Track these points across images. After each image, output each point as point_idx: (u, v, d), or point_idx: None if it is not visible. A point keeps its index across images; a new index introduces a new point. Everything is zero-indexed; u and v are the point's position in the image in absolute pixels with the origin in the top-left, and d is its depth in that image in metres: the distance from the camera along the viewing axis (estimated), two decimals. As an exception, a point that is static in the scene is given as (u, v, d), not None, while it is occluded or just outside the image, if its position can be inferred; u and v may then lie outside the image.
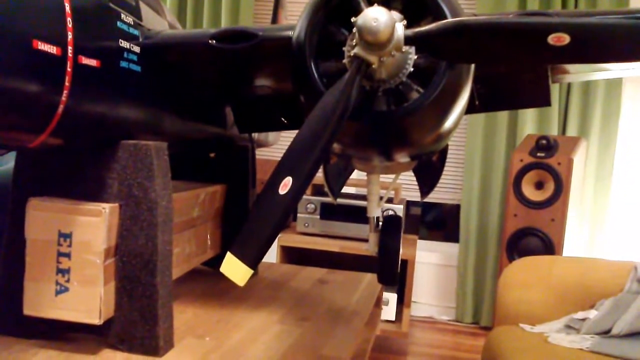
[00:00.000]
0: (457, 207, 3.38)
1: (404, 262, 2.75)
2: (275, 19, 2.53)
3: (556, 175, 2.43)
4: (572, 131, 3.00)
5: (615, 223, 3.06)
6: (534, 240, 2.49)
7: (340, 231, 2.89)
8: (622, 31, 0.66)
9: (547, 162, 2.45)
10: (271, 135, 2.22)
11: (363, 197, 2.57)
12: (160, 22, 1.17)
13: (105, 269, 1.02)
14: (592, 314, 1.76)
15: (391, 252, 1.22)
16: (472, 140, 3.14)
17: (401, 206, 2.83)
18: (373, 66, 0.77)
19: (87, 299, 1.02)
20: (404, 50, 0.77)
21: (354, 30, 0.75)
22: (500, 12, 0.92)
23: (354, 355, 1.29)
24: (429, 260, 3.46)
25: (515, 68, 1.02)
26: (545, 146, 2.48)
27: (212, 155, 1.65)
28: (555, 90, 2.96)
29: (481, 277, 3.26)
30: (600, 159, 2.99)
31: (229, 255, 0.75)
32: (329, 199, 2.73)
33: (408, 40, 0.74)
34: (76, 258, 1.01)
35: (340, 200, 2.67)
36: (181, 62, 1.10)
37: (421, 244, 3.36)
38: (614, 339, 1.66)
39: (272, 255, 2.75)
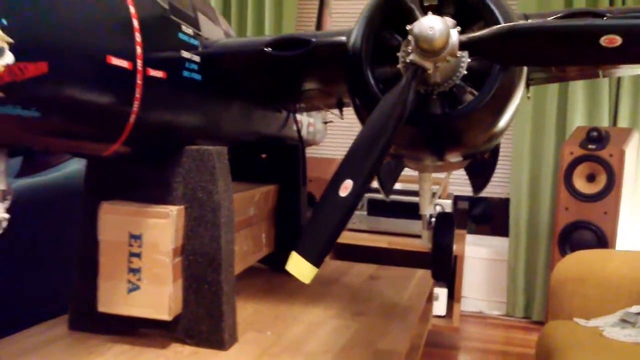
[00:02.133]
0: (505, 201, 3.34)
1: (454, 258, 2.75)
2: (320, 17, 2.56)
3: (608, 167, 2.39)
4: (623, 122, 2.93)
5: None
6: (587, 233, 2.45)
7: (388, 227, 2.91)
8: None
9: (598, 154, 2.41)
10: (319, 134, 2.27)
11: (410, 193, 2.58)
12: (217, 31, 1.23)
13: (174, 267, 1.08)
14: (648, 308, 1.73)
15: (445, 249, 1.25)
16: (521, 133, 3.11)
17: (449, 201, 2.83)
18: (428, 72, 0.79)
19: (157, 296, 1.08)
20: (459, 54, 0.79)
21: (409, 37, 0.78)
22: (551, 11, 0.92)
23: (409, 349, 1.32)
24: (478, 255, 3.44)
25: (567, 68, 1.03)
26: (596, 138, 2.44)
27: (263, 156, 1.70)
28: (605, 81, 2.89)
29: (532, 271, 3.22)
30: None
31: (294, 254, 0.80)
32: (376, 195, 2.76)
33: (462, 46, 0.77)
34: (146, 258, 1.08)
35: (387, 197, 2.69)
36: (239, 70, 1.15)
37: (469, 238, 3.34)
38: (671, 333, 1.64)
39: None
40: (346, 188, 0.76)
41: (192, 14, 1.11)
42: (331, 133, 2.62)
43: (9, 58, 0.64)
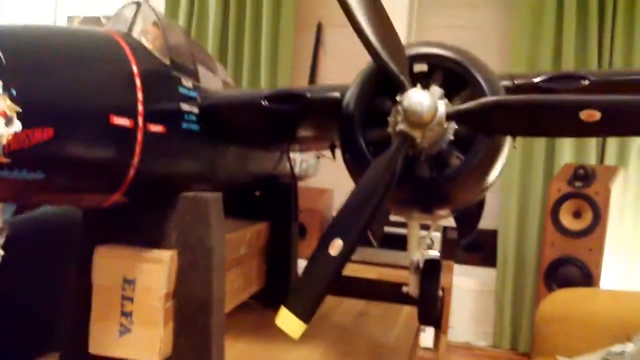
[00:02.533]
0: (493, 233, 3.38)
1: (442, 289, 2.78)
2: (315, 57, 2.62)
3: (594, 204, 2.44)
4: (610, 160, 3.00)
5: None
6: (572, 269, 2.49)
7: (377, 258, 2.93)
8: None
9: (585, 192, 2.46)
10: (311, 169, 2.30)
11: (399, 224, 2.60)
12: (215, 81, 1.27)
13: (165, 311, 1.11)
14: (630, 347, 1.76)
15: (432, 294, 1.28)
16: (510, 168, 3.15)
17: (437, 233, 2.86)
18: (416, 140, 0.83)
19: (148, 339, 1.10)
20: (445, 125, 0.83)
21: (399, 106, 0.82)
22: (535, 73, 0.97)
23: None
24: (467, 286, 3.46)
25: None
26: (583, 176, 2.50)
27: (257, 193, 1.74)
28: (592, 118, 2.96)
29: (519, 302, 3.25)
30: (639, 188, 2.98)
31: (284, 309, 0.82)
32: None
33: (449, 117, 0.81)
34: (139, 302, 1.10)
35: (377, 228, 2.71)
36: (236, 121, 1.19)
37: (458, 268, 3.37)
38: (652, 374, 1.67)
39: (311, 282, 2.81)
40: (336, 247, 0.79)
41: (192, 66, 1.14)
42: (322, 163, 2.66)
43: (17, 126, 0.67)
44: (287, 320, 0.82)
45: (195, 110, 1.11)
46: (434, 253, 2.70)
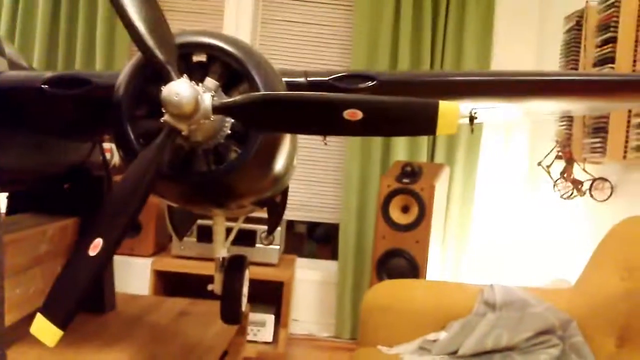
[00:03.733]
0: (337, 227, 3.47)
1: (279, 284, 2.79)
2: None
3: (420, 200, 2.58)
4: (439, 158, 3.21)
5: (477, 245, 3.29)
6: (401, 261, 2.62)
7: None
8: (412, 109, 0.73)
9: (411, 188, 2.59)
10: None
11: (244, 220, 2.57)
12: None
13: None
14: (442, 335, 1.88)
15: (234, 291, 1.25)
16: (350, 163, 3.26)
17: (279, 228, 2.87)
18: (183, 133, 0.79)
19: None
20: (213, 118, 0.80)
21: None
22: (329, 71, 0.97)
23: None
24: (312, 278, 3.53)
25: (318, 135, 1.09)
26: (409, 172, 2.63)
27: (66, 186, 1.60)
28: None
29: (358, 294, 3.36)
30: (464, 185, 3.22)
31: (39, 316, 0.75)
32: (206, 222, 2.72)
33: (216, 110, 0.78)
34: None
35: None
36: (17, 106, 1.07)
37: (303, 262, 3.43)
38: (461, 359, 1.79)
39: (144, 280, 2.70)
40: (96, 247, 0.73)
41: None
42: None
43: None
44: (42, 328, 0.74)
45: None
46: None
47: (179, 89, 0.74)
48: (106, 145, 1.68)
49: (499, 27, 3.27)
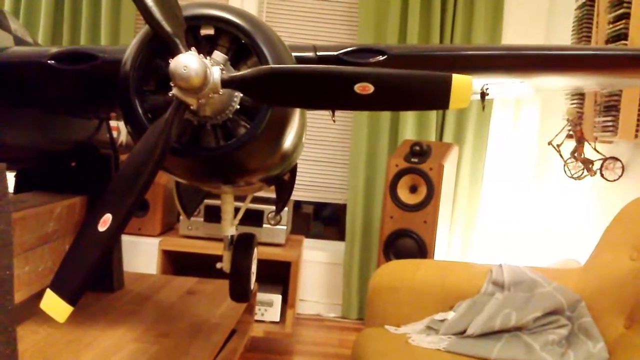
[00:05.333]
0: (344, 207, 3.47)
1: (287, 264, 2.79)
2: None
3: (428, 179, 2.56)
4: (448, 138, 3.18)
5: (486, 225, 3.28)
6: (409, 241, 2.61)
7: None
8: (424, 82, 0.71)
9: (419, 167, 2.57)
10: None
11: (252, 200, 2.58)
12: (5, 37, 1.12)
13: None
14: (450, 315, 1.87)
15: (243, 270, 1.25)
16: (357, 143, 3.24)
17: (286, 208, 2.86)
18: (191, 107, 0.78)
19: None
20: (221, 92, 0.78)
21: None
22: (340, 44, 0.96)
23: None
24: (319, 259, 3.53)
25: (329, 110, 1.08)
26: (418, 152, 2.61)
27: (73, 164, 1.59)
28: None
29: (366, 274, 3.37)
30: (473, 164, 3.20)
31: (48, 291, 0.74)
32: (214, 202, 2.71)
33: (225, 84, 0.76)
34: None
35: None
36: (23, 82, 1.06)
37: (311, 242, 3.42)
38: (469, 339, 1.78)
39: (152, 260, 2.70)
40: (105, 222, 0.72)
41: None
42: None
43: None
44: (52, 303, 0.74)
45: None
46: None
47: (188, 62, 0.73)
48: (113, 123, 1.67)
49: (509, 1, 3.21)
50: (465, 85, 0.73)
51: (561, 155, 2.53)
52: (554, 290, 1.84)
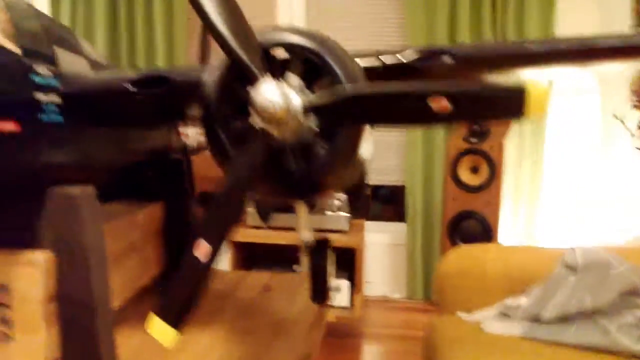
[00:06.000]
0: (402, 188, 3.48)
1: (352, 251, 2.84)
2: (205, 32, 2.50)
3: (489, 159, 2.54)
4: (505, 114, 3.11)
5: (551, 204, 3.21)
6: (473, 223, 2.61)
7: (294, 223, 2.91)
8: (501, 96, 0.73)
9: (479, 147, 2.55)
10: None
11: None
12: (79, 63, 1.18)
13: (47, 315, 1.06)
14: (522, 300, 1.86)
15: (322, 273, 1.29)
16: (414, 125, 3.23)
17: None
18: (274, 135, 0.81)
19: (32, 345, 1.05)
20: (301, 120, 0.81)
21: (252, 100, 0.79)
22: (400, 49, 0.97)
23: None
24: (380, 240, 3.57)
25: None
26: (477, 132, 2.58)
27: (150, 174, 1.67)
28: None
29: (428, 255, 3.38)
30: (533, 141, 3.12)
31: (154, 317, 0.80)
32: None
33: (305, 111, 0.79)
34: (17, 308, 1.05)
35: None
36: (104, 108, 1.12)
37: (371, 225, 3.46)
38: (543, 325, 1.76)
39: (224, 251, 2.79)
40: (205, 252, 0.77)
41: (48, 50, 1.06)
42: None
43: None
44: (158, 328, 0.80)
45: (57, 99, 1.03)
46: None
47: (269, 94, 0.76)
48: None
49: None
50: (542, 96, 0.73)
51: (627, 127, 2.45)
52: (627, 270, 1.80)
